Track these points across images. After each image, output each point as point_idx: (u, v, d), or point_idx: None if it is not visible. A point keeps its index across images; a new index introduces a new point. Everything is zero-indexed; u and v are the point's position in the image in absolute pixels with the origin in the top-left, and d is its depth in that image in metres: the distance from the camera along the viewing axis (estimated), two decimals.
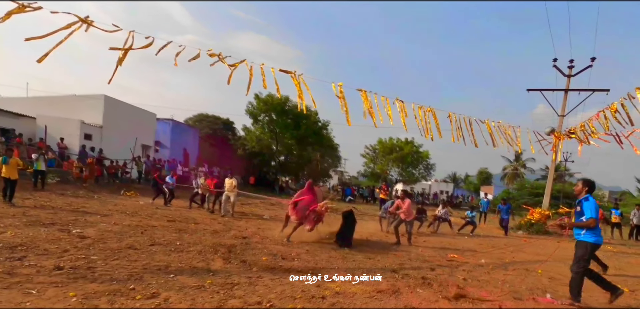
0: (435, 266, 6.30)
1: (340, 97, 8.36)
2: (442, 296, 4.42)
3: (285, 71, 7.82)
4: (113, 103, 19.24)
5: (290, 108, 26.62)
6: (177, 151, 23.82)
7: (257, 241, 7.29)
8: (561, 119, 14.63)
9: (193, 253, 5.72)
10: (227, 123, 32.17)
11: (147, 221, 8.60)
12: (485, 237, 12.01)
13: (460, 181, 56.04)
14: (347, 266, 5.84)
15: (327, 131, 30.24)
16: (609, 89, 13.68)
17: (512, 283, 5.42)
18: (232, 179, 11.14)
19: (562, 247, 11.25)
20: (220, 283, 4.25)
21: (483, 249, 8.99)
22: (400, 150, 37.34)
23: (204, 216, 10.49)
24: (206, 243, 6.59)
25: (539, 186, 28.86)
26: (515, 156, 44.53)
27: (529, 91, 15.34)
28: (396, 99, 9.41)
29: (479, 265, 6.73)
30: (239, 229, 8.76)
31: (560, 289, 5.33)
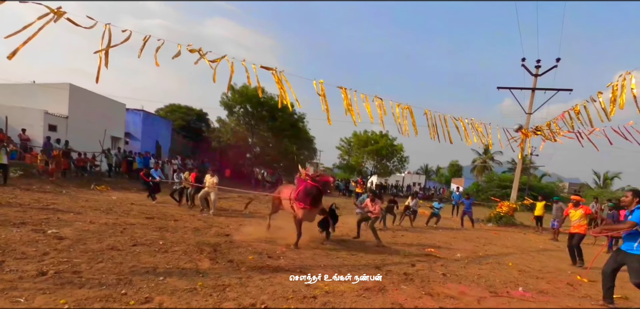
0: (415, 261, 6.58)
1: (321, 95, 8.46)
2: (425, 293, 4.67)
3: (267, 68, 7.81)
4: (79, 92, 18.30)
5: (266, 100, 26.38)
6: (148, 143, 23.07)
7: (242, 239, 7.31)
8: (528, 116, 15.46)
9: (178, 253, 5.68)
10: (201, 114, 31.47)
11: (125, 219, 8.37)
12: (459, 230, 12.58)
13: (432, 173, 57.84)
14: (332, 263, 6.00)
15: (304, 124, 30.26)
16: (572, 88, 14.58)
17: (487, 277, 5.78)
18: (214, 177, 10.84)
19: (527, 238, 12.08)
20: (212, 285, 4.28)
21: (458, 243, 9.44)
22: (375, 143, 37.96)
23: (182, 213, 10.32)
24: (190, 242, 6.53)
25: (507, 179, 30.40)
26: (484, 150, 46.48)
27: (499, 88, 16.09)
28: (375, 97, 9.63)
29: (456, 260, 7.10)
30: (220, 226, 8.70)
31: (530, 281, 5.75)
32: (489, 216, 15.58)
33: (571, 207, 7.62)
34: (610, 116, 7.30)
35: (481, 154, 47.14)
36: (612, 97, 6.99)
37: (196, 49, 6.87)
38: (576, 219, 7.39)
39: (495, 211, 15.50)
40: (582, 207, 7.54)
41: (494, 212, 15.50)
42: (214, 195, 10.73)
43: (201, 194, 10.76)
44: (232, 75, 7.00)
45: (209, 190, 10.73)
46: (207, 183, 10.73)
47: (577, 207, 7.50)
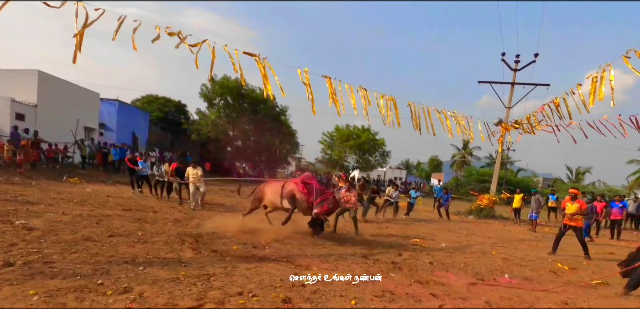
0: (401, 251, 6.56)
1: (306, 84, 8.30)
2: (414, 280, 4.63)
3: (250, 54, 7.57)
4: (49, 80, 17.31)
5: (247, 92, 25.90)
6: (124, 135, 22.22)
7: (225, 230, 7.09)
8: (508, 111, 15.81)
9: (159, 244, 5.42)
10: (180, 106, 30.60)
11: (100, 211, 7.98)
12: (439, 221, 12.74)
13: (412, 167, 58.69)
14: (320, 252, 5.89)
15: (285, 117, 29.93)
16: (549, 83, 15.00)
17: (473, 265, 5.82)
18: (197, 169, 10.15)
19: (506, 230, 12.36)
20: (195, 275, 4.08)
21: (441, 234, 9.53)
22: (358, 137, 38.11)
23: (162, 205, 9.97)
24: (171, 233, 6.28)
25: (485, 173, 31.15)
26: (463, 145, 47.50)
27: (480, 82, 16.36)
28: (359, 87, 9.55)
29: (441, 249, 7.13)
30: (202, 218, 8.43)
31: (515, 269, 5.83)
32: (470, 208, 15.88)
33: (568, 200, 7.64)
34: (589, 108, 7.48)
35: (460, 150, 48.16)
36: (592, 88, 7.16)
37: (175, 32, 6.57)
38: (571, 213, 7.45)
39: (475, 204, 15.81)
40: (578, 201, 7.57)
41: (475, 205, 15.81)
42: (203, 187, 10.22)
43: (192, 190, 10.09)
44: (213, 61, 6.75)
45: (196, 184, 10.12)
46: (191, 176, 10.20)
47: (573, 200, 7.54)
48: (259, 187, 8.00)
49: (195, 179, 10.05)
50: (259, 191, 7.89)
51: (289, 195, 7.16)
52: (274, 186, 7.75)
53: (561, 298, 4.45)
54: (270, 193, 7.63)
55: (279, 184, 7.72)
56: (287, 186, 7.36)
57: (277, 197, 7.41)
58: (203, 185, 10.26)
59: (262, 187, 7.90)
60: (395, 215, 12.17)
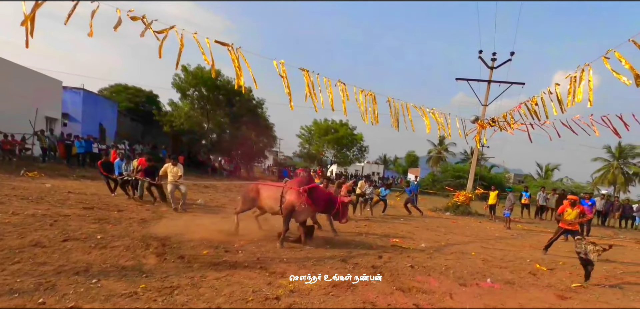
0: (381, 252, 6.33)
1: (283, 76, 7.93)
2: (396, 287, 4.39)
3: (221, 43, 7.11)
4: (3, 65, 15.99)
5: (222, 83, 25.08)
6: (91, 126, 21.02)
7: (195, 231, 6.64)
8: (484, 108, 15.97)
9: (119, 249, 4.94)
10: (151, 96, 29.32)
11: (57, 210, 7.32)
12: (420, 219, 12.68)
13: (390, 163, 59.25)
14: (297, 256, 5.57)
15: (262, 110, 29.30)
16: (524, 82, 15.25)
17: (454, 267, 5.66)
18: (177, 167, 9.12)
19: (483, 227, 12.46)
20: (157, 287, 3.66)
21: (420, 232, 9.42)
22: (336, 132, 37.93)
23: (129, 203, 9.31)
24: (135, 236, 5.78)
25: (460, 169, 31.74)
26: (439, 141, 48.33)
27: (458, 79, 16.45)
28: (338, 81, 9.27)
29: (421, 250, 6.97)
30: (172, 218, 7.93)
31: (495, 271, 5.72)
32: (447, 205, 15.99)
33: (568, 205, 7.55)
34: (567, 107, 7.50)
35: (436, 146, 49.00)
36: (570, 88, 7.17)
37: (139, 16, 6.02)
38: (572, 218, 7.42)
39: (452, 201, 15.94)
40: (578, 206, 7.51)
41: (452, 201, 15.93)
42: (184, 187, 9.20)
43: (170, 189, 9.03)
44: (181, 49, 6.26)
45: (176, 182, 9.09)
46: (169, 175, 9.10)
47: (573, 206, 7.52)
48: (252, 187, 7.09)
49: (174, 179, 9.05)
50: (252, 191, 6.98)
51: (289, 208, 6.31)
52: (272, 191, 6.81)
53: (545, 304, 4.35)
54: (268, 199, 6.74)
55: (278, 190, 6.71)
56: (288, 196, 6.40)
57: (276, 203, 6.57)
58: (183, 186, 9.21)
59: (257, 188, 7.00)
60: (371, 211, 12.00)
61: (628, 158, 36.55)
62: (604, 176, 36.90)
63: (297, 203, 6.20)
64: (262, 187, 6.94)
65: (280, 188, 6.63)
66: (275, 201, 6.57)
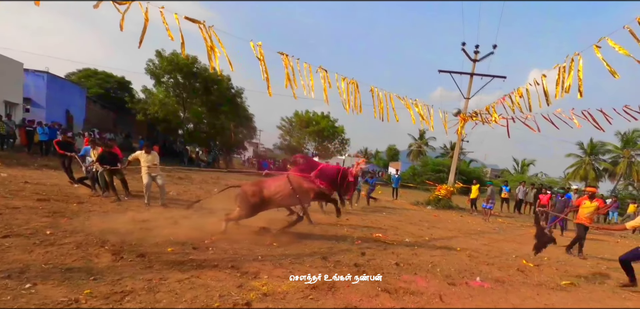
0: (364, 248, 5.95)
1: (260, 59, 7.40)
2: (381, 289, 4.00)
3: (192, 20, 6.49)
4: None
5: (199, 71, 24.09)
6: (57, 112, 19.70)
7: (162, 225, 6.05)
8: (466, 101, 15.89)
9: (69, 247, 4.32)
10: (123, 82, 27.89)
11: (7, 201, 6.56)
12: (403, 212, 12.45)
13: (371, 156, 59.35)
14: (273, 253, 5.09)
15: (242, 100, 28.45)
16: (505, 76, 15.22)
17: (441, 265, 5.34)
18: (152, 155, 8.26)
19: (464, 221, 12.37)
20: (105, 293, 3.12)
21: (403, 226, 9.14)
22: (317, 124, 37.47)
23: (92, 195, 8.54)
24: (91, 231, 5.16)
25: (440, 163, 31.95)
26: (420, 134, 48.67)
27: (441, 71, 16.29)
28: (319, 68, 8.80)
29: (405, 245, 6.64)
30: (139, 210, 7.28)
31: (483, 268, 5.44)
32: (428, 198, 15.87)
33: (586, 199, 7.23)
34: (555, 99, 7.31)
35: (416, 139, 49.35)
36: (558, 79, 6.97)
37: None
38: (589, 212, 7.16)
39: (434, 195, 15.82)
40: (597, 200, 7.23)
41: (433, 195, 15.82)
42: (161, 179, 8.26)
43: (145, 182, 8.05)
44: (146, 25, 5.60)
45: (152, 173, 8.16)
46: (142, 164, 8.11)
47: (592, 199, 7.20)
48: (253, 191, 5.99)
49: (150, 168, 8.10)
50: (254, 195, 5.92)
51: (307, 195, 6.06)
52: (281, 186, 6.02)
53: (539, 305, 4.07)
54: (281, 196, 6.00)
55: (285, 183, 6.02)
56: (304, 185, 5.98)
57: (292, 197, 6.01)
58: (161, 177, 8.30)
59: (260, 191, 6.00)
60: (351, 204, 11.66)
61: (599, 154, 37.83)
62: (576, 172, 38.05)
63: (314, 189, 5.97)
64: (265, 187, 6.04)
65: (286, 180, 5.99)
66: (290, 196, 5.99)
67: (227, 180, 17.06)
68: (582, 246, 7.43)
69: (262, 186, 6.06)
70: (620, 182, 36.26)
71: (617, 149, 36.24)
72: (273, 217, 7.04)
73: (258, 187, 6.03)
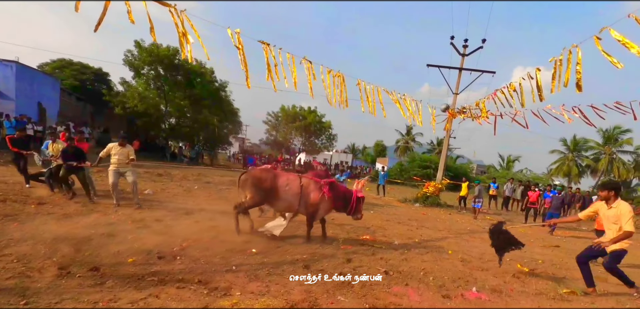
0: (350, 253, 5.49)
1: (239, 48, 6.83)
2: (369, 306, 3.54)
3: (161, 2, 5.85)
4: None
5: (181, 63, 23.20)
6: (27, 105, 18.59)
7: (128, 229, 5.47)
8: (455, 97, 15.60)
9: (8, 260, 3.73)
10: (100, 74, 26.69)
11: None
12: (388, 208, 12.08)
13: (358, 152, 59.15)
14: (249, 262, 4.58)
15: (226, 93, 27.63)
16: (495, 71, 14.96)
17: (433, 272, 4.92)
18: (127, 148, 7.46)
19: (453, 219, 12.08)
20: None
21: (391, 226, 8.74)
22: (304, 119, 36.92)
23: (55, 196, 7.74)
24: (42, 238, 4.56)
25: (427, 159, 31.83)
26: (407, 130, 48.62)
27: (429, 66, 15.93)
28: (303, 59, 8.26)
29: (394, 248, 6.21)
30: (106, 212, 6.64)
31: (478, 275, 5.05)
32: (416, 196, 15.57)
33: None
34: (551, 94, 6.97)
35: (404, 135, 49.29)
36: (554, 73, 6.63)
37: None
38: None
39: (422, 192, 15.53)
40: None
41: (421, 192, 15.52)
42: (131, 175, 7.38)
43: (111, 181, 7.21)
44: (107, 5, 4.94)
45: (121, 169, 7.32)
46: (117, 158, 7.26)
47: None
48: (266, 175, 5.81)
49: (123, 161, 7.29)
50: (266, 180, 5.71)
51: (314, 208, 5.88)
52: (292, 182, 5.85)
53: None
54: (288, 193, 5.79)
55: (296, 182, 5.87)
56: (312, 194, 5.81)
57: (296, 200, 5.80)
58: (132, 173, 7.40)
59: (273, 176, 5.82)
60: None
61: (581, 151, 38.46)
62: (559, 168, 38.63)
63: (321, 202, 5.80)
64: (277, 175, 5.88)
65: (298, 180, 5.87)
66: (295, 197, 5.78)
67: (211, 177, 16.44)
68: None
69: (274, 172, 5.95)
70: (602, 179, 36.99)
71: (599, 145, 36.91)
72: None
73: (270, 173, 5.88)
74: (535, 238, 9.66)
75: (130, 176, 7.43)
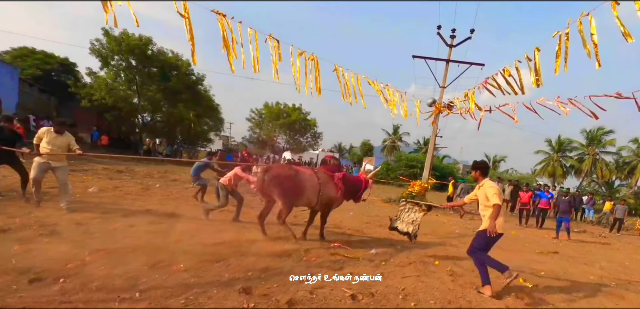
0: (312, 267, 4.34)
1: (184, 17, 5.65)
2: None
3: None
4: None
5: (155, 54, 21.69)
6: None
7: (24, 236, 4.21)
8: (442, 90, 14.67)
9: None
10: (66, 64, 24.89)
11: None
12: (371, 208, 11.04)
13: (345, 151, 58.17)
14: (167, 284, 3.38)
15: (204, 87, 26.16)
16: (484, 63, 14.10)
17: (415, 294, 3.82)
18: (65, 136, 5.98)
19: (439, 221, 11.10)
20: None
21: (370, 229, 7.67)
22: (288, 116, 35.69)
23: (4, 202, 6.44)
24: None
25: (413, 159, 30.99)
26: (394, 130, 47.83)
27: (415, 57, 14.98)
28: (269, 36, 7.08)
29: (369, 259, 5.08)
30: (13, 214, 5.34)
31: (471, 296, 3.97)
32: (401, 195, 14.55)
33: None
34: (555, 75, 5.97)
35: (390, 135, 48.51)
36: (559, 50, 5.64)
37: None
38: None
39: (407, 191, 14.52)
40: None
41: (406, 192, 14.51)
42: (62, 173, 6.00)
43: (34, 174, 5.82)
44: None
45: (51, 161, 5.89)
46: (44, 146, 5.82)
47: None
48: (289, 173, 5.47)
49: (52, 153, 5.79)
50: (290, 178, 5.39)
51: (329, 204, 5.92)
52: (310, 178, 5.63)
53: None
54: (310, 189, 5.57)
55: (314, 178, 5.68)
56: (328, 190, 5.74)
57: (314, 196, 5.61)
58: (62, 170, 5.98)
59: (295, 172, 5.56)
60: None
61: (566, 151, 38.27)
62: (544, 168, 38.39)
63: (336, 198, 5.84)
64: (298, 170, 5.70)
65: (315, 175, 5.69)
66: (314, 193, 5.58)
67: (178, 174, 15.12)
68: None
69: (294, 168, 5.71)
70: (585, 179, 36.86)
71: (582, 146, 36.78)
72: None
73: (291, 170, 5.58)
74: (530, 242, 8.75)
75: (61, 173, 5.97)
